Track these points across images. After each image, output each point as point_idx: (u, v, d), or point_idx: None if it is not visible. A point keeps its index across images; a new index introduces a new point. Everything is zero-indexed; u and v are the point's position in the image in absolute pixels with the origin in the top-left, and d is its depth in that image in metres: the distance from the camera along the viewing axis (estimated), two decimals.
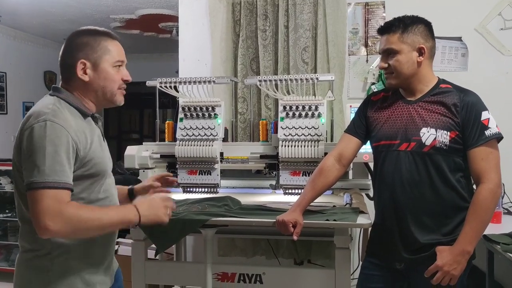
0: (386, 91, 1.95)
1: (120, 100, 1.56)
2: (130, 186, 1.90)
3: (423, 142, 1.73)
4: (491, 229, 2.17)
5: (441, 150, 1.72)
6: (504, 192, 2.62)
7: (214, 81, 2.66)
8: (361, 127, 1.94)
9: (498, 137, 1.72)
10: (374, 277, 1.90)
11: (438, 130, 1.72)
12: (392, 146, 1.80)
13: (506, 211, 2.56)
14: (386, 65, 1.80)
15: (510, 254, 1.86)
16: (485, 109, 1.73)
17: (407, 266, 1.81)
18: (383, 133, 1.84)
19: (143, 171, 2.64)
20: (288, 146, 2.44)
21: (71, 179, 1.36)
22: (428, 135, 1.73)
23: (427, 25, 1.81)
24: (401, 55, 1.76)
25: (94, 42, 1.49)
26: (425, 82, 1.80)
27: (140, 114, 8.43)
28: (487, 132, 1.70)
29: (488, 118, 1.71)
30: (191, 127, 2.57)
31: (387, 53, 1.80)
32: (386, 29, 1.81)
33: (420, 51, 1.78)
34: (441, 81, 1.83)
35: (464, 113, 1.71)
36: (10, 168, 1.51)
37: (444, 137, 1.71)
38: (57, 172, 1.32)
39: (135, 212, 1.47)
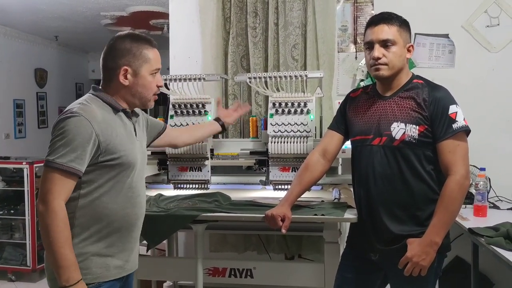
0: (365, 87, 2.00)
1: (151, 105, 1.70)
2: (221, 122, 2.39)
3: (393, 136, 1.78)
4: (477, 223, 2.22)
5: (410, 144, 1.77)
6: (490, 187, 2.67)
7: (204, 78, 2.68)
8: (342, 123, 1.99)
9: (466, 130, 1.76)
10: (349, 267, 1.96)
11: (407, 124, 1.77)
12: (366, 141, 1.85)
13: (492, 205, 2.60)
14: (381, 55, 1.78)
15: (494, 247, 1.90)
16: (453, 103, 1.78)
17: (381, 257, 1.86)
18: (358, 129, 1.89)
19: None
20: (278, 143, 2.47)
21: (83, 166, 1.47)
22: (398, 129, 1.78)
23: (409, 25, 1.86)
24: (398, 47, 1.79)
25: (137, 50, 1.60)
26: (403, 78, 1.85)
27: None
28: (454, 125, 1.74)
29: (456, 112, 1.76)
30: (181, 124, 2.59)
31: (384, 44, 1.78)
32: (387, 19, 1.80)
33: (409, 50, 1.84)
34: (414, 76, 1.88)
35: (432, 107, 1.76)
36: (2, 166, 1.58)
37: (413, 131, 1.76)
38: (70, 157, 1.44)
39: (69, 281, 1.43)
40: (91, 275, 1.52)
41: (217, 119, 2.41)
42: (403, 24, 1.83)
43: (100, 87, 1.64)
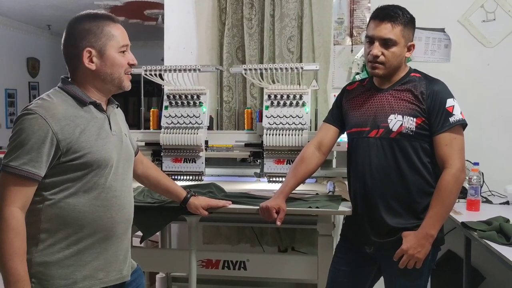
0: (361, 80, 2.00)
1: (127, 85, 1.54)
2: (189, 194, 1.96)
3: (391, 128, 1.79)
4: (470, 217, 2.23)
5: (407, 136, 1.77)
6: (483, 181, 2.68)
7: (199, 69, 2.66)
8: (338, 116, 1.99)
9: (463, 124, 1.78)
10: (343, 260, 1.96)
11: (404, 116, 1.78)
12: (363, 133, 1.85)
13: (485, 200, 2.61)
14: (380, 53, 1.77)
15: (486, 241, 1.91)
16: (450, 96, 1.79)
17: (376, 250, 1.87)
18: (355, 121, 1.89)
19: None
20: (273, 135, 2.46)
21: (40, 169, 1.36)
22: (395, 121, 1.78)
23: (414, 22, 1.84)
24: (398, 48, 1.77)
25: (97, 28, 1.46)
26: (400, 73, 1.85)
27: (124, 102, 8.37)
28: (451, 119, 1.75)
29: (453, 106, 1.77)
30: (176, 115, 2.57)
31: (384, 42, 1.76)
32: (393, 17, 1.76)
33: (409, 48, 1.83)
34: (412, 70, 1.88)
35: (429, 100, 1.76)
36: None
37: (410, 123, 1.77)
38: (23, 160, 1.34)
39: None
40: (54, 286, 1.40)
41: (186, 199, 1.96)
42: (409, 22, 1.79)
43: (68, 79, 1.50)
